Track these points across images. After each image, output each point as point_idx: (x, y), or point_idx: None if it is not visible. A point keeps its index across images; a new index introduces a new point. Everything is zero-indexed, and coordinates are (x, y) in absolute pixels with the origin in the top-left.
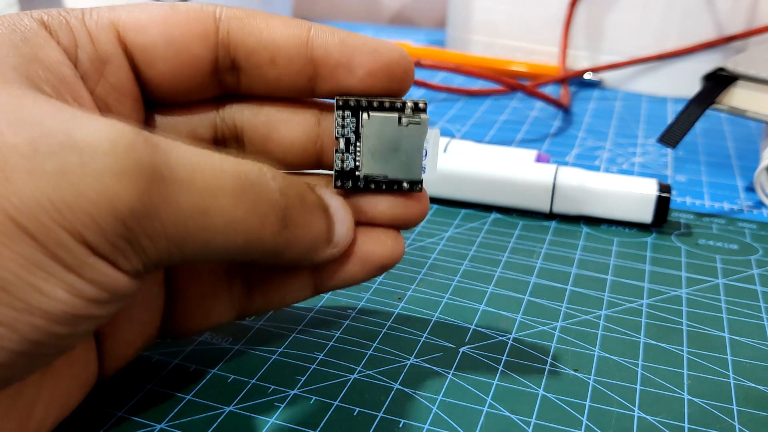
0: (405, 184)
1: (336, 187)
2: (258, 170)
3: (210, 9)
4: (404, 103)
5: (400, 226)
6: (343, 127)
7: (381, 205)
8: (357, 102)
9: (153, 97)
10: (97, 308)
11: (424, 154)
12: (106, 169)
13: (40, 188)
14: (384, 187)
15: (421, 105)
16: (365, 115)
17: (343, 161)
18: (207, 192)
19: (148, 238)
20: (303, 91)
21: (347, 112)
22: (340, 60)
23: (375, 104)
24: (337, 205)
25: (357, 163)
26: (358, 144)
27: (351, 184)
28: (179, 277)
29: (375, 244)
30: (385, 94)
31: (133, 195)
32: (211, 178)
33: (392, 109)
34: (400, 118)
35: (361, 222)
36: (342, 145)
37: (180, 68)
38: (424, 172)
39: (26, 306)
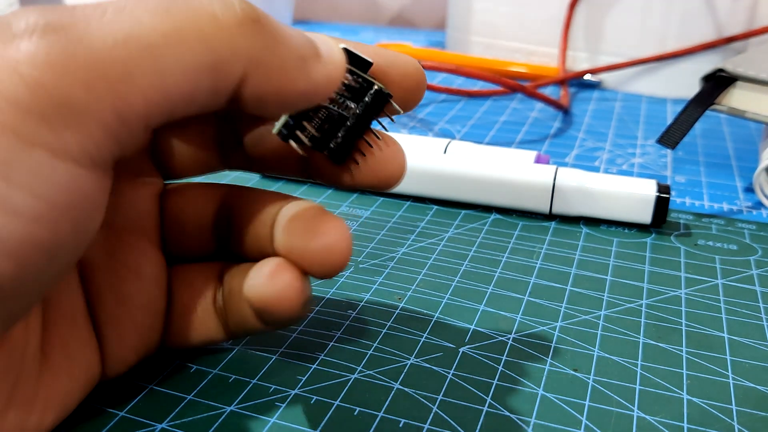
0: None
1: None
2: None
3: None
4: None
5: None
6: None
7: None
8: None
9: None
10: (38, 227)
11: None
12: (2, 44)
13: None
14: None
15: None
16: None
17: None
18: (125, 14)
19: (85, 89)
20: None
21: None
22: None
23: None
24: (314, 36)
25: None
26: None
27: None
28: (176, 283)
29: (255, 278)
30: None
31: (37, 48)
32: (125, 2)
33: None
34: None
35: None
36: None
37: None
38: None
39: None
